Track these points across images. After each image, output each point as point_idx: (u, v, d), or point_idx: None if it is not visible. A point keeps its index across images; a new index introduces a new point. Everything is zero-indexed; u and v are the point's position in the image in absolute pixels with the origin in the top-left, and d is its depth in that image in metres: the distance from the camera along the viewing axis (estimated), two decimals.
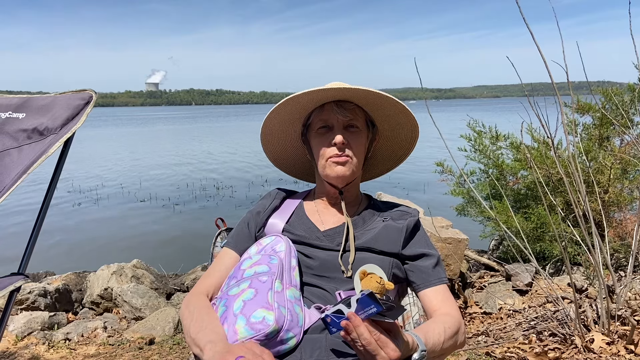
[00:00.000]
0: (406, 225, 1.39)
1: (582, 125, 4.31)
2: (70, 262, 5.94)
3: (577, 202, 2.51)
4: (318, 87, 1.34)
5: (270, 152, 1.58)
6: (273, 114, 1.41)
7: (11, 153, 1.54)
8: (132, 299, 3.76)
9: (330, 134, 1.36)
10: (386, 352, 0.97)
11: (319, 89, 1.32)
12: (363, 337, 0.97)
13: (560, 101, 2.51)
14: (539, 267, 2.72)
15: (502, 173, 4.50)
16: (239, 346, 1.00)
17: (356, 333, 0.98)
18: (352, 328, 0.98)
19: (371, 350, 0.97)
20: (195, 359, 1.29)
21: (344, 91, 1.33)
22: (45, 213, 1.50)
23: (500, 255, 4.58)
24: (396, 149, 1.56)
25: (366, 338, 0.97)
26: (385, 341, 0.98)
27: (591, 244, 2.54)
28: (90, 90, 1.63)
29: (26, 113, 1.61)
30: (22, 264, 1.44)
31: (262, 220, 1.45)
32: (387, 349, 0.98)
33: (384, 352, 0.97)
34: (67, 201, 10.32)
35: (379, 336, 0.98)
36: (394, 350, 0.98)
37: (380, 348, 0.97)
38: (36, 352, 3.02)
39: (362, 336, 0.97)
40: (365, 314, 0.99)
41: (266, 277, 1.19)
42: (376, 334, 0.98)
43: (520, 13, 2.32)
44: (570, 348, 2.44)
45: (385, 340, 0.98)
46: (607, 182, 3.78)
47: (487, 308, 3.42)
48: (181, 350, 2.99)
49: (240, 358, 0.95)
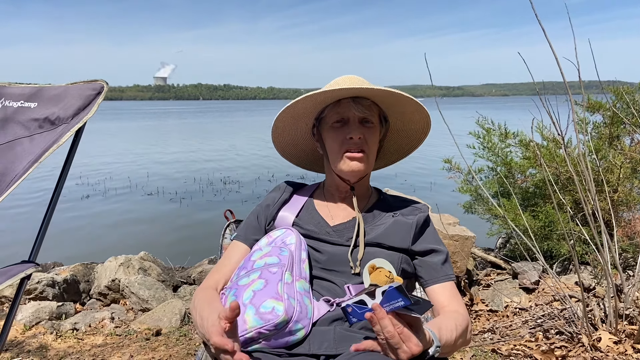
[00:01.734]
0: (416, 220, 1.39)
1: (592, 123, 4.28)
2: (78, 253, 5.98)
3: (586, 201, 2.50)
4: (333, 84, 1.33)
5: (279, 145, 1.57)
6: (287, 110, 1.40)
7: (23, 142, 1.55)
8: (139, 290, 3.78)
9: (346, 129, 1.35)
10: (408, 347, 0.97)
11: (338, 88, 1.30)
12: (387, 330, 0.97)
13: (571, 99, 2.49)
14: (546, 265, 2.71)
15: (510, 171, 4.48)
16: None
17: (380, 325, 0.97)
18: (376, 320, 0.98)
19: (394, 343, 0.97)
20: (206, 349, 1.30)
21: (364, 90, 1.33)
22: (57, 202, 1.51)
23: (507, 253, 4.57)
24: (405, 143, 1.56)
25: (390, 331, 0.96)
26: (409, 335, 0.97)
27: (600, 243, 2.53)
28: (102, 80, 1.63)
29: (38, 102, 1.62)
30: (33, 252, 1.46)
31: (272, 214, 1.45)
32: (410, 343, 0.97)
33: (406, 346, 0.97)
34: (75, 193, 10.38)
35: (402, 330, 0.97)
36: (416, 345, 0.97)
37: (402, 342, 0.97)
38: (44, 342, 3.05)
39: (385, 329, 0.97)
40: (391, 306, 0.98)
41: (276, 268, 1.20)
42: (400, 328, 0.97)
43: (533, 9, 2.30)
44: (577, 346, 2.43)
45: (408, 334, 0.98)
46: (617, 182, 3.75)
47: (493, 306, 3.42)
48: (188, 341, 3.01)
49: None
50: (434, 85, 2.79)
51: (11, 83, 1.69)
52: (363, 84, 1.35)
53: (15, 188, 1.44)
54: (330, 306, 1.24)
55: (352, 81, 1.37)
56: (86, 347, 2.99)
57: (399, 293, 0.97)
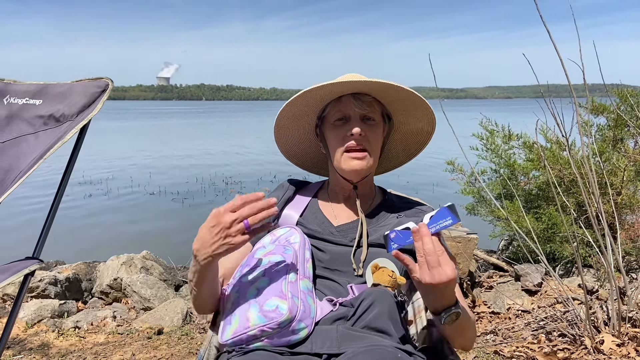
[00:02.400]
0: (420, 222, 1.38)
1: (596, 126, 4.27)
2: (81, 252, 5.99)
3: (590, 204, 2.49)
4: (336, 80, 1.32)
5: (282, 144, 1.56)
6: (289, 107, 1.39)
7: (28, 139, 1.56)
8: (141, 289, 3.79)
9: (347, 126, 1.34)
10: (444, 269, 0.99)
11: (338, 81, 1.29)
12: (427, 247, 1.00)
13: (575, 101, 2.49)
14: (549, 267, 2.70)
15: (513, 173, 4.47)
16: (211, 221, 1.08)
17: (422, 242, 1.01)
18: (420, 236, 1.02)
19: (431, 261, 1.00)
20: (209, 346, 1.30)
21: (363, 84, 1.31)
22: (61, 198, 1.51)
23: (509, 255, 4.56)
24: (410, 143, 1.54)
25: (430, 248, 1.00)
26: (447, 260, 1.01)
27: (603, 246, 2.52)
28: (107, 78, 1.64)
29: (43, 99, 1.62)
30: (37, 249, 1.46)
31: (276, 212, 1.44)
32: (446, 267, 1.00)
33: (442, 268, 0.99)
34: (77, 192, 10.40)
35: (442, 253, 1.01)
36: (452, 270, 1.00)
37: (439, 264, 1.00)
38: (46, 339, 3.05)
39: (426, 245, 1.00)
40: (438, 226, 1.03)
41: (280, 266, 1.20)
42: (440, 250, 1.01)
43: (538, 11, 2.30)
44: (579, 349, 2.42)
45: (447, 258, 1.01)
46: (620, 184, 3.74)
47: (496, 308, 3.41)
48: (189, 340, 3.01)
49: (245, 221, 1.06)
50: (438, 87, 2.79)
51: (16, 80, 1.69)
52: (364, 79, 1.34)
53: (19, 184, 1.44)
54: (333, 306, 1.23)
55: (355, 78, 1.36)
56: (88, 345, 3.00)
57: (449, 212, 1.02)
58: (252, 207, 1.04)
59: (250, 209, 1.04)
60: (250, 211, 1.04)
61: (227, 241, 1.06)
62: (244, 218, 1.04)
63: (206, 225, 1.08)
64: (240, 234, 1.05)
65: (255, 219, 1.05)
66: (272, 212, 1.06)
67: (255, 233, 1.07)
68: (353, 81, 1.29)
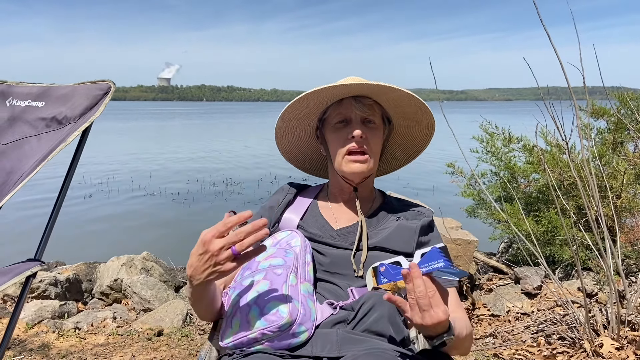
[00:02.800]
0: (420, 225, 1.39)
1: (596, 129, 4.28)
2: (81, 253, 5.99)
3: (589, 207, 2.49)
4: (338, 82, 1.33)
5: (283, 146, 1.57)
6: (290, 109, 1.40)
7: (30, 141, 1.56)
8: (141, 290, 3.79)
9: (348, 128, 1.35)
10: (435, 312, 0.98)
11: (339, 84, 1.30)
12: (419, 290, 0.98)
13: (575, 104, 2.50)
14: (549, 270, 2.71)
15: (513, 175, 4.48)
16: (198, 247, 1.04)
17: (413, 284, 0.99)
18: (411, 277, 0.99)
19: (423, 305, 0.98)
20: (209, 347, 1.31)
21: (364, 87, 1.32)
22: (63, 200, 1.52)
23: (509, 258, 4.56)
24: (410, 145, 1.55)
25: (422, 291, 0.98)
26: (439, 301, 0.98)
27: (603, 249, 2.53)
28: (109, 80, 1.64)
29: (46, 102, 1.63)
30: (39, 250, 1.46)
31: (276, 215, 1.44)
32: (438, 309, 0.98)
33: (433, 310, 0.98)
34: (77, 193, 10.40)
35: (434, 294, 0.98)
36: (444, 312, 0.98)
37: (431, 306, 0.98)
38: (46, 340, 3.05)
39: (418, 288, 0.98)
40: (429, 267, 1.00)
41: (281, 270, 1.20)
42: (432, 291, 0.98)
43: (538, 15, 2.31)
44: (579, 352, 2.43)
45: (439, 299, 0.99)
46: (620, 188, 3.75)
47: (495, 310, 3.41)
48: (189, 342, 3.02)
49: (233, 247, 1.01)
50: (438, 89, 2.79)
51: (19, 82, 1.70)
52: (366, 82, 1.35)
53: (22, 186, 1.45)
54: (334, 309, 1.24)
55: (356, 81, 1.37)
56: (88, 346, 3.00)
57: (441, 253, 1.00)
58: (238, 233, 1.00)
59: (237, 235, 1.00)
60: (236, 237, 1.00)
61: (216, 269, 1.02)
62: (232, 244, 1.00)
63: (195, 251, 1.04)
64: (230, 261, 1.01)
65: (242, 245, 1.00)
66: (261, 235, 1.00)
67: (246, 258, 1.03)
68: (354, 84, 1.30)
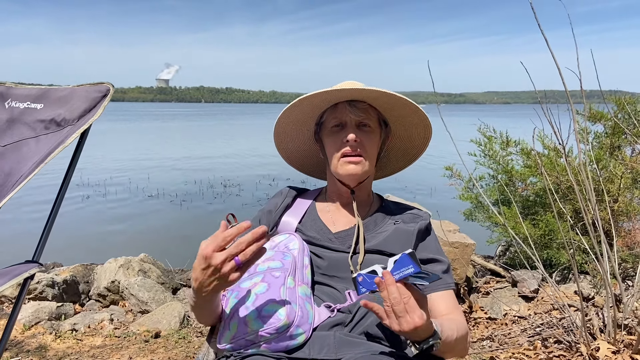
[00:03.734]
0: (417, 228, 1.39)
1: (593, 133, 4.29)
2: (78, 254, 5.98)
3: (586, 210, 2.50)
4: (332, 88, 1.35)
5: (283, 150, 1.59)
6: (286, 113, 1.42)
7: (29, 143, 1.57)
8: (138, 292, 3.79)
9: (343, 132, 1.37)
10: (411, 317, 0.98)
11: (332, 89, 1.32)
12: (393, 297, 0.98)
13: (572, 109, 2.51)
14: (546, 274, 2.72)
15: (511, 179, 4.49)
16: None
17: (387, 291, 0.99)
18: (385, 286, 1.00)
19: (397, 310, 0.98)
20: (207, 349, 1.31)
21: (357, 92, 1.34)
22: (61, 203, 1.52)
23: (506, 261, 4.57)
24: (409, 148, 1.56)
25: (396, 297, 0.98)
26: (414, 306, 0.99)
27: (599, 253, 2.53)
28: (108, 83, 1.65)
29: (44, 104, 1.63)
30: (37, 252, 1.47)
31: (274, 219, 1.45)
32: (414, 315, 0.98)
33: (409, 316, 0.98)
34: (75, 194, 10.39)
35: (408, 300, 0.99)
36: (419, 318, 0.98)
37: (406, 312, 0.98)
38: (43, 342, 3.05)
39: (392, 295, 0.99)
40: (401, 274, 1.01)
41: (279, 272, 1.21)
42: (407, 297, 0.99)
43: (535, 18, 2.32)
44: (575, 356, 2.43)
45: (414, 305, 0.99)
46: (617, 191, 3.76)
47: (492, 313, 3.42)
48: (187, 344, 3.01)
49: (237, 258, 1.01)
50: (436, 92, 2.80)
51: (18, 84, 1.70)
52: (359, 87, 1.36)
53: (20, 188, 1.45)
54: (331, 312, 1.25)
55: (351, 86, 1.39)
56: (85, 348, 3.00)
57: (410, 259, 1.00)
58: (239, 244, 1.00)
59: (238, 246, 1.00)
60: (238, 248, 1.00)
61: (222, 281, 1.02)
62: (234, 256, 1.00)
63: (197, 265, 1.03)
64: (234, 272, 1.01)
65: (245, 254, 1.00)
66: (262, 243, 1.01)
67: (249, 264, 1.03)
68: (347, 89, 1.32)
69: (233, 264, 1.00)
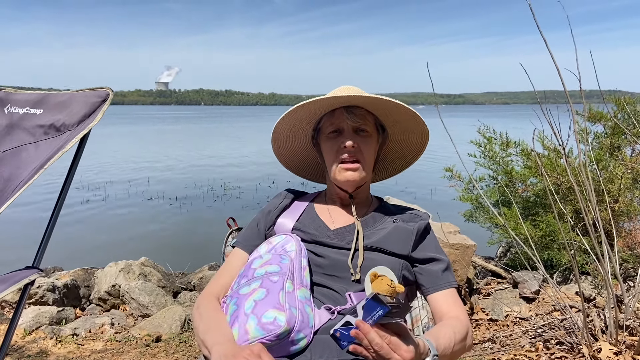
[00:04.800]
0: (417, 227, 1.40)
1: (593, 133, 4.29)
2: (78, 259, 5.97)
3: (587, 211, 2.50)
4: (329, 94, 1.36)
5: (281, 155, 1.59)
6: (284, 120, 1.42)
7: (28, 148, 1.57)
8: (139, 296, 3.78)
9: (341, 138, 1.37)
10: (399, 354, 0.97)
11: (328, 96, 1.34)
12: (375, 343, 0.97)
13: (572, 109, 2.51)
14: (547, 275, 2.71)
15: (511, 180, 4.49)
16: (247, 350, 1.00)
17: (367, 340, 0.98)
18: (363, 336, 0.98)
19: (384, 354, 0.97)
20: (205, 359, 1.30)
21: (353, 99, 1.35)
22: (61, 208, 1.52)
23: (507, 262, 4.56)
24: (406, 151, 1.57)
25: (378, 343, 0.97)
26: (398, 343, 0.98)
27: (600, 253, 2.53)
28: (107, 87, 1.65)
29: (44, 109, 1.63)
30: (37, 258, 1.47)
31: (271, 219, 1.46)
32: (400, 351, 0.98)
33: (397, 354, 0.97)
34: (75, 198, 10.38)
35: (390, 339, 0.98)
36: (407, 352, 0.98)
37: (392, 351, 0.97)
38: (44, 346, 3.05)
39: (373, 342, 0.97)
40: (373, 318, 0.99)
41: (277, 277, 1.20)
42: (387, 338, 0.98)
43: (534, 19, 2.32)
44: (577, 357, 2.43)
45: (397, 342, 0.98)
46: (618, 192, 3.76)
47: (494, 315, 3.41)
48: (187, 348, 3.01)
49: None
50: (435, 93, 2.80)
51: (17, 89, 1.70)
52: (355, 93, 1.36)
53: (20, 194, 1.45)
54: (332, 314, 1.24)
55: (347, 91, 1.39)
56: (86, 352, 2.99)
57: (376, 303, 0.98)
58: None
59: None
60: None
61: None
62: None
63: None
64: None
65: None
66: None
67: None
68: (344, 96, 1.32)
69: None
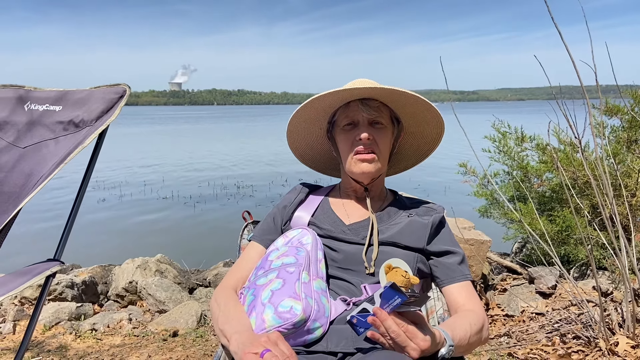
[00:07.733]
0: (431, 221, 1.40)
1: (610, 127, 4.24)
2: (96, 256, 6.06)
3: (604, 205, 2.48)
4: (343, 87, 1.36)
5: (296, 149, 1.60)
6: (299, 113, 1.43)
7: (48, 144, 1.60)
8: (156, 292, 3.83)
9: (356, 131, 1.38)
10: (416, 343, 0.98)
11: (343, 89, 1.34)
12: (391, 330, 0.98)
13: (588, 103, 2.48)
14: (564, 270, 2.69)
15: (526, 175, 4.45)
16: (264, 338, 1.02)
17: (384, 327, 0.99)
18: (380, 323, 0.99)
19: (400, 342, 0.98)
20: (223, 349, 1.32)
21: (368, 90, 1.35)
22: (81, 201, 1.55)
23: (523, 258, 4.53)
24: (421, 144, 1.56)
25: (395, 330, 0.98)
26: (414, 332, 0.99)
27: (618, 248, 2.51)
28: (124, 84, 1.68)
29: (63, 106, 1.67)
30: (58, 251, 1.50)
31: (288, 214, 1.47)
32: (417, 340, 0.99)
33: (413, 343, 0.98)
34: (91, 197, 10.51)
35: (406, 327, 0.99)
36: (423, 340, 0.99)
37: (409, 339, 0.98)
38: (64, 341, 3.10)
39: (390, 329, 0.98)
40: (390, 306, 1.00)
41: (293, 268, 1.22)
42: (404, 326, 0.99)
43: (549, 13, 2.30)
44: (594, 351, 2.41)
45: (413, 330, 0.99)
46: (635, 186, 3.71)
47: (509, 310, 3.39)
48: (204, 342, 3.04)
49: (267, 352, 0.97)
50: (449, 90, 2.79)
51: (37, 87, 1.74)
52: (370, 85, 1.36)
53: (41, 189, 1.48)
54: (347, 305, 1.26)
55: (362, 84, 1.39)
56: (105, 347, 3.04)
57: (394, 291, 0.99)
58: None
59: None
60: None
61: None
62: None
63: (251, 344, 1.02)
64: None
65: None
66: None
67: None
68: (358, 88, 1.33)
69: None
